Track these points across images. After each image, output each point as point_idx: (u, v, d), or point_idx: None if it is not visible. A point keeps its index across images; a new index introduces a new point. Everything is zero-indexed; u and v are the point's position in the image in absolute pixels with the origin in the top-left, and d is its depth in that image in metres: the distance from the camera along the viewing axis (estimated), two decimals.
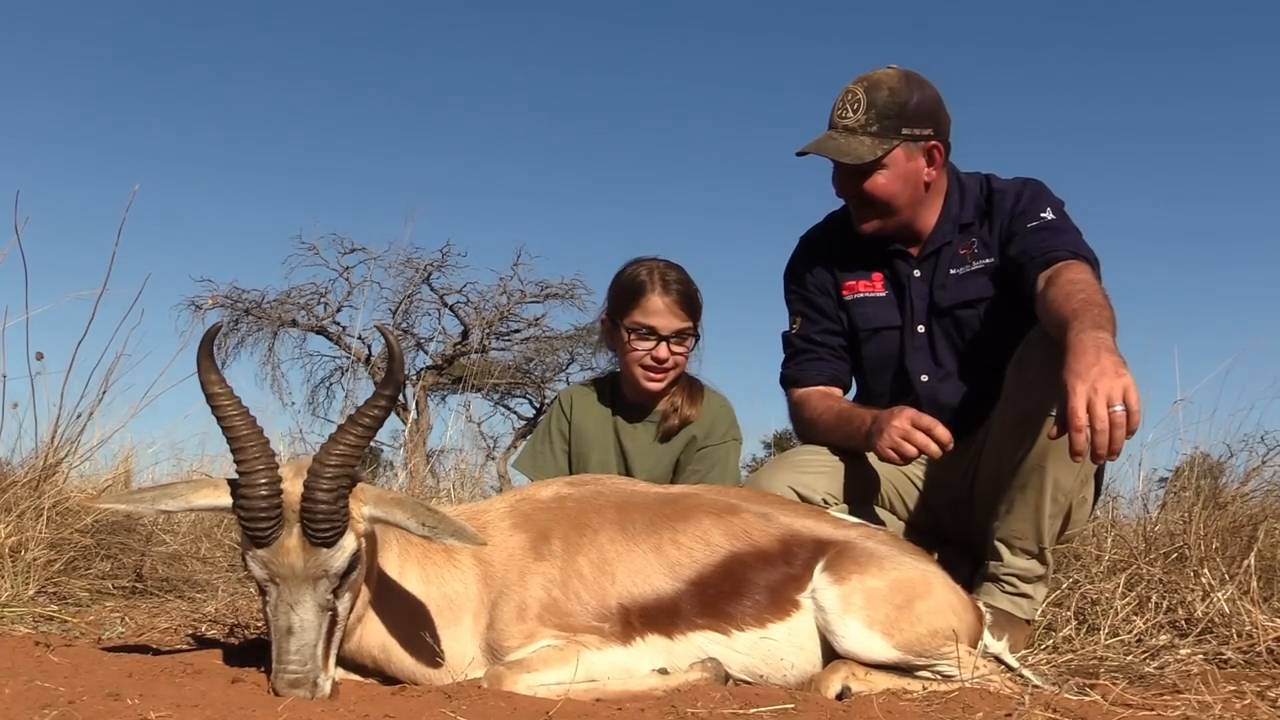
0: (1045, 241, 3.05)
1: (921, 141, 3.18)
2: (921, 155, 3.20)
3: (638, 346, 3.44)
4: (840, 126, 3.19)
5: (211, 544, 4.52)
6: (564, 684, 2.22)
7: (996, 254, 3.22)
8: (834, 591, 2.40)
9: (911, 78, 3.21)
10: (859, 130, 3.16)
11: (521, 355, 21.45)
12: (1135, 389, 2.44)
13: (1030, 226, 3.12)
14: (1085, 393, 2.44)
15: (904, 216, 3.26)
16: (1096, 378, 2.45)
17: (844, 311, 3.41)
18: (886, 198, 3.21)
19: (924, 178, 3.22)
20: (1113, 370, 2.46)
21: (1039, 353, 2.82)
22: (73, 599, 3.43)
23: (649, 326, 3.42)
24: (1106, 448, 2.43)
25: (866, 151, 3.14)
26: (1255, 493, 3.69)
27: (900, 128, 3.14)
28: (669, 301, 3.42)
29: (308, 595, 2.12)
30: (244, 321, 20.55)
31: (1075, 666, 2.74)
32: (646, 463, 3.53)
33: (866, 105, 3.15)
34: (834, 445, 3.25)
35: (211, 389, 2.14)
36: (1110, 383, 2.44)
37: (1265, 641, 2.72)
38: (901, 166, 3.18)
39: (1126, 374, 2.46)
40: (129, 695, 1.99)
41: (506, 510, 2.52)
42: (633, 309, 3.45)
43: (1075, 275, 2.86)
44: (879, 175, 3.18)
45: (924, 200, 3.27)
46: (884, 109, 3.14)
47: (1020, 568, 2.99)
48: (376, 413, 2.16)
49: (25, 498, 3.54)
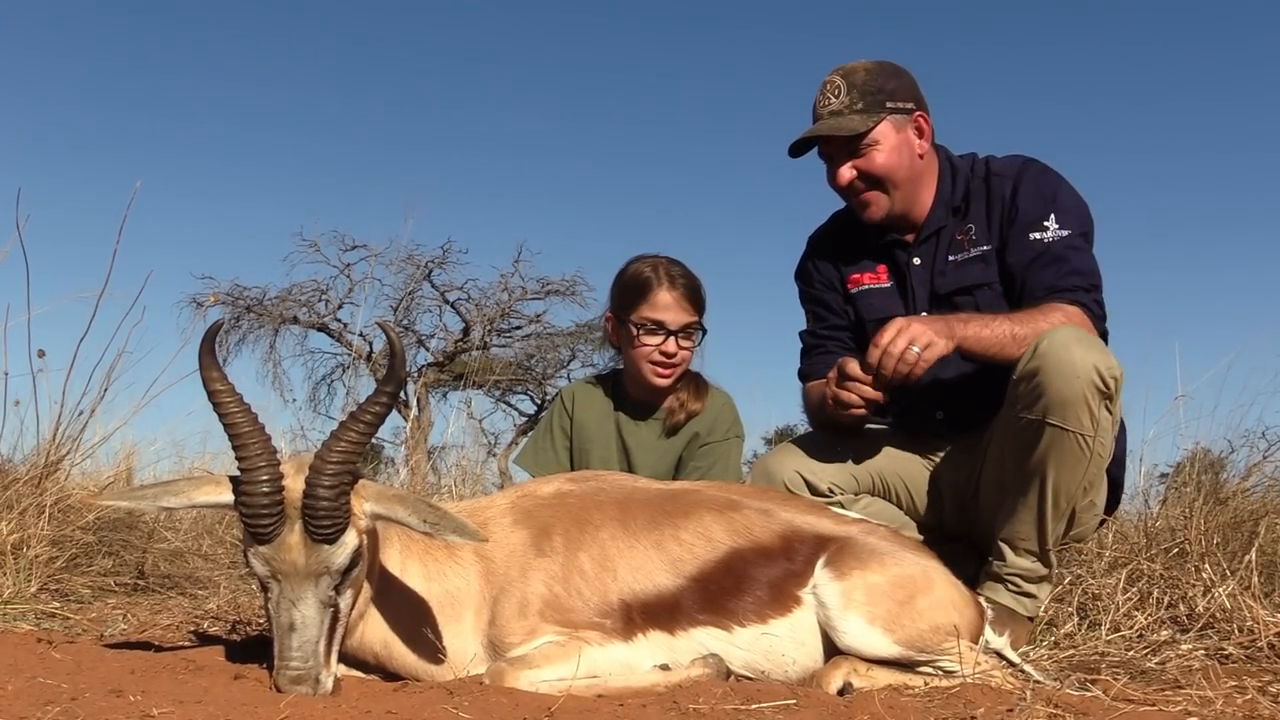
0: (1045, 276, 3.08)
1: (906, 114, 3.22)
2: (910, 127, 3.24)
3: (646, 342, 3.45)
4: (826, 114, 3.23)
5: (213, 541, 4.53)
6: (566, 680, 2.22)
7: (995, 239, 3.22)
8: (835, 587, 2.40)
9: (885, 64, 3.27)
10: (845, 111, 3.20)
11: (522, 352, 21.45)
12: (938, 347, 2.85)
13: (1032, 240, 3.12)
14: (898, 325, 2.88)
15: (904, 193, 3.27)
16: (913, 322, 2.89)
17: (851, 305, 3.43)
18: (885, 172, 3.22)
19: (916, 150, 3.25)
20: (933, 326, 2.89)
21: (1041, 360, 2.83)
22: (75, 596, 3.43)
23: (658, 321, 3.43)
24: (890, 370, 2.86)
25: (858, 124, 3.18)
26: (1256, 488, 3.69)
27: (884, 102, 3.20)
28: (676, 296, 3.44)
29: (309, 592, 2.12)
30: (245, 319, 20.55)
31: (1077, 662, 2.74)
32: (649, 459, 3.53)
33: (847, 89, 3.20)
34: (829, 428, 3.26)
35: (213, 386, 2.14)
36: (919, 328, 2.87)
37: (1266, 637, 2.72)
38: (893, 139, 3.21)
39: (941, 337, 2.85)
40: (131, 692, 2.00)
41: (508, 507, 2.53)
42: (640, 304, 3.46)
43: (1047, 312, 2.96)
44: (874, 153, 3.21)
45: (920, 178, 3.28)
46: (865, 87, 3.19)
47: (1023, 568, 2.99)
48: (378, 410, 2.16)
49: (27, 495, 3.54)
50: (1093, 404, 2.79)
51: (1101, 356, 2.80)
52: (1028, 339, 2.90)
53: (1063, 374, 2.77)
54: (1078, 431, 2.81)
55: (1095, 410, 2.80)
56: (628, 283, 3.52)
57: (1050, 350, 2.80)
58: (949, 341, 2.88)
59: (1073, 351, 2.78)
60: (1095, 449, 2.84)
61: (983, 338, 2.93)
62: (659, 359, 3.45)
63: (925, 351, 2.84)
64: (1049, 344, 2.82)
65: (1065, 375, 2.77)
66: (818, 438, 3.33)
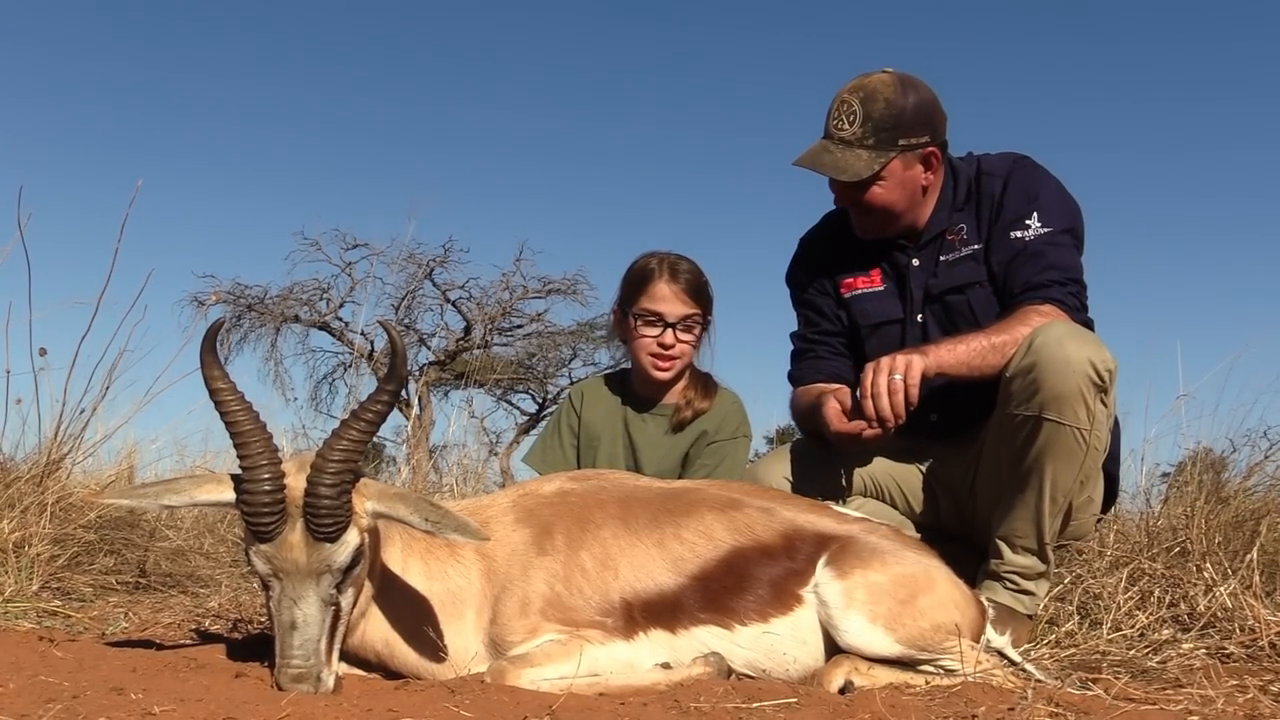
0: (1022, 274, 3.09)
1: (918, 149, 3.17)
2: (919, 162, 3.20)
3: (645, 333, 3.47)
4: (836, 138, 3.17)
5: (215, 539, 4.53)
6: (567, 679, 2.22)
7: (984, 239, 3.22)
8: (837, 586, 2.40)
9: (906, 82, 3.17)
10: (855, 143, 3.13)
11: (524, 351, 21.47)
12: (915, 364, 2.88)
13: (1013, 238, 3.12)
14: (870, 368, 2.93)
15: (904, 221, 3.27)
16: (884, 356, 2.94)
17: (843, 309, 3.42)
18: (885, 206, 3.21)
19: (921, 182, 3.23)
20: (903, 352, 2.95)
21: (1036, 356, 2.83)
22: (76, 594, 3.43)
23: (656, 312, 3.45)
24: (889, 410, 2.87)
25: (864, 167, 3.12)
26: (1258, 488, 3.69)
27: (897, 139, 3.12)
28: (675, 288, 3.45)
29: (311, 590, 2.12)
30: (247, 317, 20.57)
31: (1078, 661, 2.75)
32: (655, 456, 3.53)
33: (863, 118, 3.12)
34: (817, 436, 3.25)
35: (215, 385, 2.13)
36: (886, 360, 2.92)
37: (1268, 636, 2.72)
38: (899, 176, 3.17)
39: (915, 355, 2.91)
40: (133, 690, 1.99)
41: (509, 505, 2.53)
42: (640, 296, 3.48)
43: (1022, 317, 2.98)
44: (876, 187, 3.17)
45: (921, 202, 3.27)
46: (880, 121, 3.11)
47: (1021, 565, 2.99)
48: (379, 408, 2.16)
49: (29, 493, 3.54)
50: (1088, 397, 2.80)
51: (1095, 350, 2.81)
52: (1008, 345, 2.92)
53: (1057, 369, 2.78)
54: (1074, 426, 2.82)
55: (1091, 404, 2.80)
56: (631, 275, 3.55)
57: (1044, 345, 2.81)
58: (923, 358, 2.91)
59: (1067, 346, 2.79)
60: (1091, 443, 2.85)
61: (958, 352, 2.94)
62: (657, 350, 3.46)
63: (908, 374, 2.87)
64: (1043, 339, 2.82)
65: (1060, 370, 2.78)
66: (808, 444, 3.32)
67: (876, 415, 2.90)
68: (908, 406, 2.89)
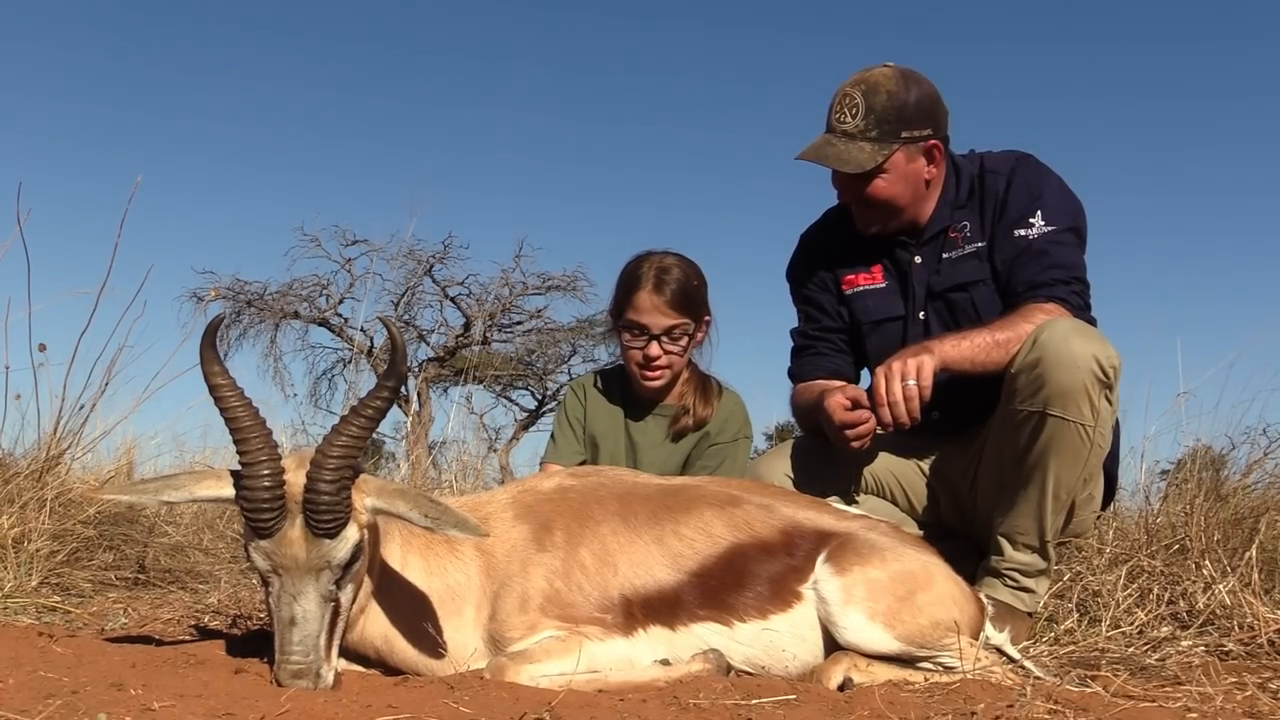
0: (1026, 272, 3.09)
1: (921, 142, 3.16)
2: (921, 155, 3.19)
3: (630, 344, 3.45)
4: (839, 131, 3.16)
5: (214, 535, 4.53)
6: (566, 675, 2.22)
7: (987, 237, 3.22)
8: (836, 583, 2.40)
9: (908, 75, 3.17)
10: (858, 136, 3.13)
11: (523, 347, 21.45)
12: (926, 364, 2.88)
13: (1017, 237, 3.12)
14: (882, 374, 2.92)
15: (906, 215, 3.26)
16: (893, 359, 2.93)
17: (844, 306, 3.41)
18: (888, 199, 3.20)
19: (924, 176, 3.21)
20: (911, 353, 2.93)
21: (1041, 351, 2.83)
22: (76, 590, 3.43)
23: (640, 324, 3.42)
24: (905, 415, 2.88)
25: (867, 159, 3.12)
26: (1257, 485, 3.69)
27: (899, 131, 3.12)
28: (658, 300, 3.39)
29: (310, 586, 2.12)
30: (246, 313, 20.54)
31: (1077, 658, 2.75)
32: (656, 457, 3.52)
33: (865, 110, 3.12)
34: (817, 433, 3.24)
35: (214, 380, 2.13)
36: (898, 363, 2.91)
37: (1266, 633, 2.73)
38: (902, 169, 3.16)
39: (924, 355, 2.90)
40: (132, 685, 2.00)
41: (509, 502, 2.53)
42: (626, 306, 3.45)
43: (1026, 314, 2.98)
44: (880, 180, 3.16)
45: (924, 196, 3.26)
46: (883, 113, 3.11)
47: (1022, 563, 2.99)
48: (379, 404, 2.16)
49: (28, 489, 3.54)
50: (1093, 394, 2.80)
51: (1100, 346, 2.81)
52: (1012, 342, 2.91)
53: (1063, 364, 2.78)
54: (1079, 422, 2.81)
55: (1095, 400, 2.81)
56: (620, 281, 3.51)
57: (1050, 341, 2.81)
58: (931, 357, 2.91)
59: (1072, 342, 2.79)
60: (1095, 439, 2.85)
61: (962, 348, 2.94)
62: (642, 361, 3.44)
63: (920, 376, 2.88)
64: (1048, 335, 2.82)
65: (1065, 366, 2.78)
66: (809, 442, 3.32)
67: (892, 421, 2.91)
68: (925, 407, 2.90)
